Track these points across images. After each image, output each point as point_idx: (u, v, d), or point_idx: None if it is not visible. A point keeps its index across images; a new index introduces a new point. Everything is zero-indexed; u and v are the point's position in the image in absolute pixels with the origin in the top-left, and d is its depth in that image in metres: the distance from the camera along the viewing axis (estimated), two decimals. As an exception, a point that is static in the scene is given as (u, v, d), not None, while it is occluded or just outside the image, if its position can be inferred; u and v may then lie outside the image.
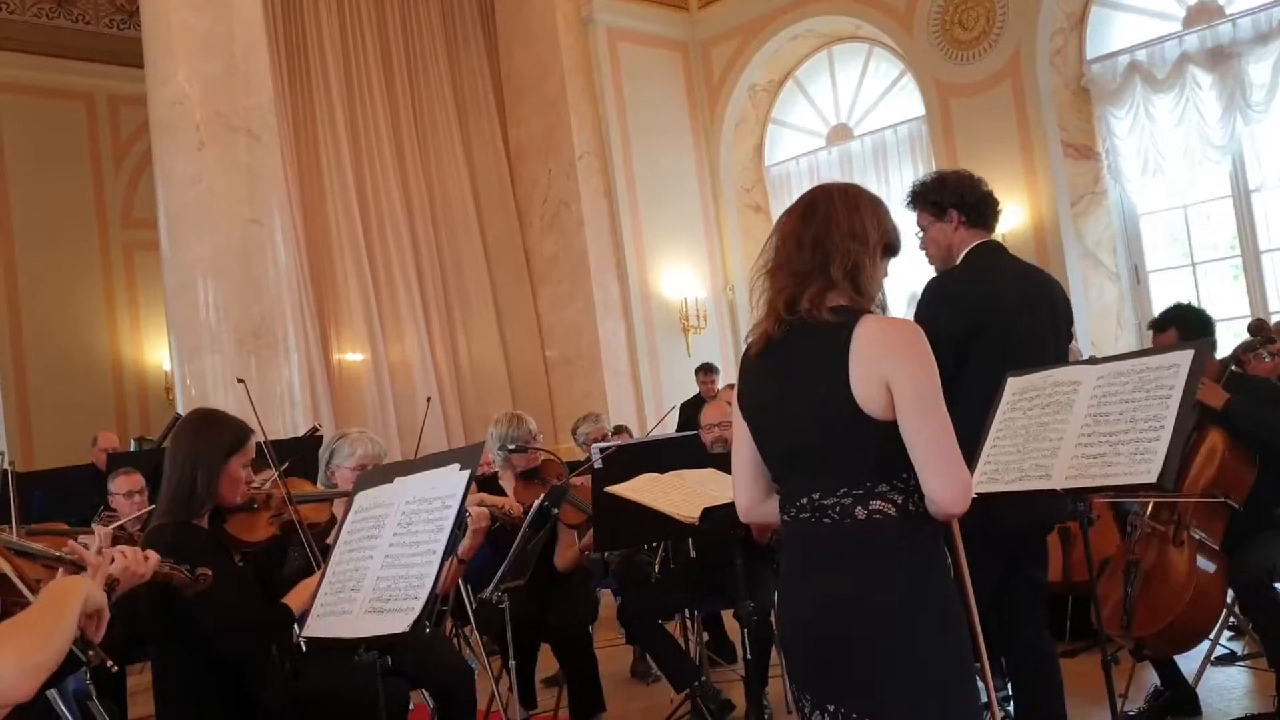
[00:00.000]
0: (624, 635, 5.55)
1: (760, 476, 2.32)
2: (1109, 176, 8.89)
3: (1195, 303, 5.60)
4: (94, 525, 4.28)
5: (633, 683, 5.78)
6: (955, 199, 3.34)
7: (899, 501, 2.10)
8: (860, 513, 2.10)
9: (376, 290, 9.74)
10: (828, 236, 2.15)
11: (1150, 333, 4.50)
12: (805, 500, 2.16)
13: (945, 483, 2.04)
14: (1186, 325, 4.13)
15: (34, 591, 2.09)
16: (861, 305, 2.15)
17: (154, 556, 2.52)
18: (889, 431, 2.06)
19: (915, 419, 2.04)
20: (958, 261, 3.37)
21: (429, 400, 7.80)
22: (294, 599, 3.12)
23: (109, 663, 2.00)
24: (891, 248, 2.23)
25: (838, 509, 2.11)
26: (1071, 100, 9.02)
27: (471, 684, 4.00)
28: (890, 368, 2.05)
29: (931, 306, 3.31)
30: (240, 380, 4.40)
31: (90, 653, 1.90)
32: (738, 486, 2.36)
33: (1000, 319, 3.24)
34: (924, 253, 3.50)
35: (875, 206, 2.23)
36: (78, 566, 2.28)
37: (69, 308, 10.93)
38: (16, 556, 2.19)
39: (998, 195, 3.43)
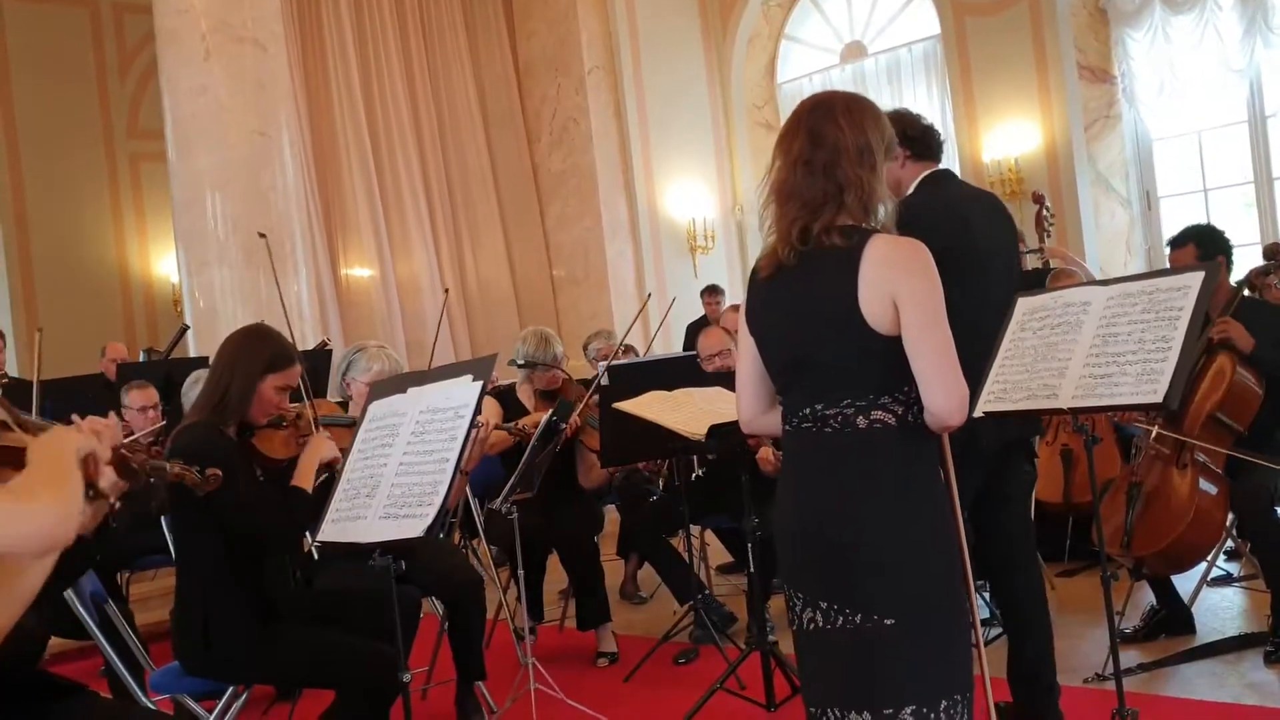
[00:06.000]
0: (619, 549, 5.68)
1: (763, 389, 2.39)
2: (1124, 100, 8.77)
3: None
4: None
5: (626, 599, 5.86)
6: (899, 135, 3.34)
7: (899, 413, 2.19)
8: (861, 422, 2.18)
9: (385, 205, 9.70)
10: (838, 165, 2.19)
11: (1165, 256, 4.49)
12: (808, 410, 2.23)
13: (945, 395, 2.14)
14: (1205, 243, 4.13)
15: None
16: (870, 223, 2.22)
17: None
18: (894, 346, 2.15)
19: (919, 333, 2.13)
20: (909, 191, 3.36)
21: (446, 292, 7.98)
22: (302, 479, 3.09)
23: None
24: (890, 149, 2.29)
25: (839, 418, 2.20)
26: (1089, 21, 8.86)
27: (481, 593, 4.07)
28: (897, 285, 2.14)
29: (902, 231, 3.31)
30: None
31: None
32: (741, 398, 2.43)
33: (966, 237, 3.24)
34: None
35: (877, 119, 2.27)
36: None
37: (76, 219, 10.90)
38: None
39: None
